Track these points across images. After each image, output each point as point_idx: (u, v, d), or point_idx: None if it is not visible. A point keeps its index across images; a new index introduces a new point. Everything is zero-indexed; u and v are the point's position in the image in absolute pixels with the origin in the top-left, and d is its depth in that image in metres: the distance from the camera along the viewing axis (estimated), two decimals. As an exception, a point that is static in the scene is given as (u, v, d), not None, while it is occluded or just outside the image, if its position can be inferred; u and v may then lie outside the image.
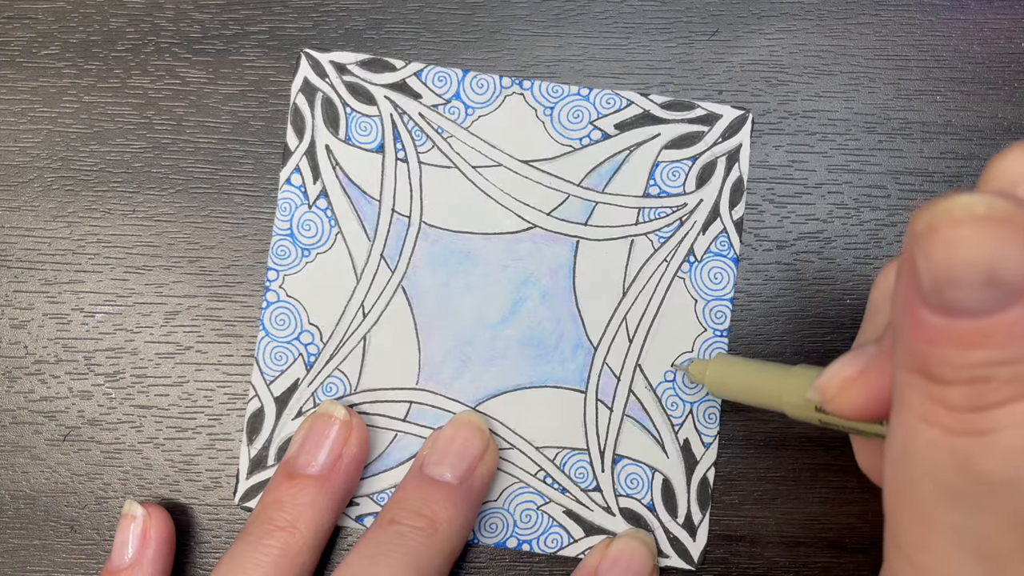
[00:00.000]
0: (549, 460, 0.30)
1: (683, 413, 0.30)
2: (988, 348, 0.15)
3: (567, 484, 0.30)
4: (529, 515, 0.30)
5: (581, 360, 0.31)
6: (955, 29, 0.32)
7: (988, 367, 0.15)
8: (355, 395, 0.31)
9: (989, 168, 0.19)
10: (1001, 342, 0.15)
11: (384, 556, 0.26)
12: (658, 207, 0.31)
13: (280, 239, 0.31)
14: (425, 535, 0.27)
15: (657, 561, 0.30)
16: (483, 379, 0.31)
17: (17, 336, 0.31)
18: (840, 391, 0.20)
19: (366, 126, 0.31)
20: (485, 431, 0.29)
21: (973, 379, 0.16)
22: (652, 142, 0.31)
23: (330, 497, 0.28)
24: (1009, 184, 0.18)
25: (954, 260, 0.15)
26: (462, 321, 0.31)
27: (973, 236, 0.15)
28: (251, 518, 0.28)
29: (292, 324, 0.31)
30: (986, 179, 0.19)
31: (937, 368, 0.16)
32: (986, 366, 0.15)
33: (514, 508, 0.30)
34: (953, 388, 0.16)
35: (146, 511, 0.29)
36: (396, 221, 0.31)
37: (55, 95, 0.32)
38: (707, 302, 0.31)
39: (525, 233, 0.31)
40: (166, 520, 0.29)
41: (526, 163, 0.31)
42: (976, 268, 0.15)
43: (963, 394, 0.16)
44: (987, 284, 0.15)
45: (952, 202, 0.15)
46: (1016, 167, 0.18)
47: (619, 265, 0.31)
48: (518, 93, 0.31)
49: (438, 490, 0.28)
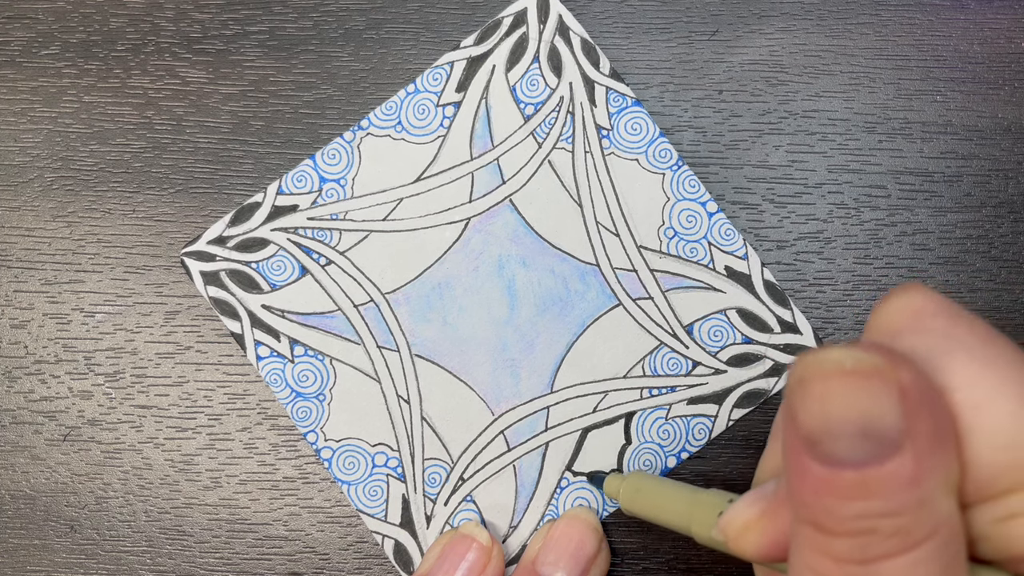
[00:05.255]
0: (641, 376, 0.31)
1: (705, 253, 0.31)
2: (869, 500, 0.15)
3: (671, 382, 0.31)
4: (666, 430, 0.30)
5: (594, 282, 0.31)
6: (955, 29, 0.31)
7: (871, 519, 0.15)
8: (459, 463, 0.30)
9: (874, 315, 0.19)
10: (882, 494, 0.15)
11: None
12: (544, 118, 0.31)
13: (291, 405, 0.31)
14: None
15: (602, 534, 0.29)
16: (538, 364, 0.31)
17: (17, 336, 0.31)
18: (741, 533, 0.19)
19: (278, 265, 0.31)
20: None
21: (858, 531, 0.15)
22: (494, 76, 0.31)
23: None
24: (891, 332, 0.18)
25: (829, 413, 0.15)
26: (481, 336, 0.31)
27: (843, 390, 0.15)
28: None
29: (360, 463, 0.31)
30: (870, 326, 0.19)
31: (824, 518, 0.16)
32: (869, 518, 0.15)
33: (652, 435, 0.30)
34: (839, 540, 0.16)
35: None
36: (365, 312, 0.31)
37: (55, 95, 0.32)
38: (644, 151, 0.31)
39: (467, 230, 0.31)
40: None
41: (418, 180, 0.31)
42: (850, 421, 0.15)
43: (848, 546, 0.16)
44: (863, 436, 0.15)
45: (822, 356, 0.16)
46: (898, 315, 0.18)
47: (557, 188, 0.31)
48: (366, 135, 0.31)
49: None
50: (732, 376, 0.30)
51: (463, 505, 0.30)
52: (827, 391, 0.16)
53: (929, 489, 0.15)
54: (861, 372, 0.15)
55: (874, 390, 0.15)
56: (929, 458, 0.15)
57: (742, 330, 0.31)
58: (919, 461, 0.15)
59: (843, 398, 0.15)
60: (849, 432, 0.15)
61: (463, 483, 0.30)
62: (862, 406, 0.15)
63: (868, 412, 0.15)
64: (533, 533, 0.30)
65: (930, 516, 0.15)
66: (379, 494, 0.30)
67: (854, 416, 0.15)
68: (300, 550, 0.31)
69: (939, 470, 0.16)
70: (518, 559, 0.30)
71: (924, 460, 0.15)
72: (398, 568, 0.30)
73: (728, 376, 0.30)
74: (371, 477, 0.30)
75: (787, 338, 0.30)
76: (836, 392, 0.16)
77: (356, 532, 0.31)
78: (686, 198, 0.31)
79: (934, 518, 0.15)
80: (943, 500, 0.16)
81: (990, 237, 0.31)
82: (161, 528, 0.31)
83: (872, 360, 0.16)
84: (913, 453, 0.15)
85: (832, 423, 0.15)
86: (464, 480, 0.30)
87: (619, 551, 0.30)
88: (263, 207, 0.31)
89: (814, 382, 0.16)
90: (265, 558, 0.31)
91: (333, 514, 0.31)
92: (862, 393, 0.15)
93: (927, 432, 0.15)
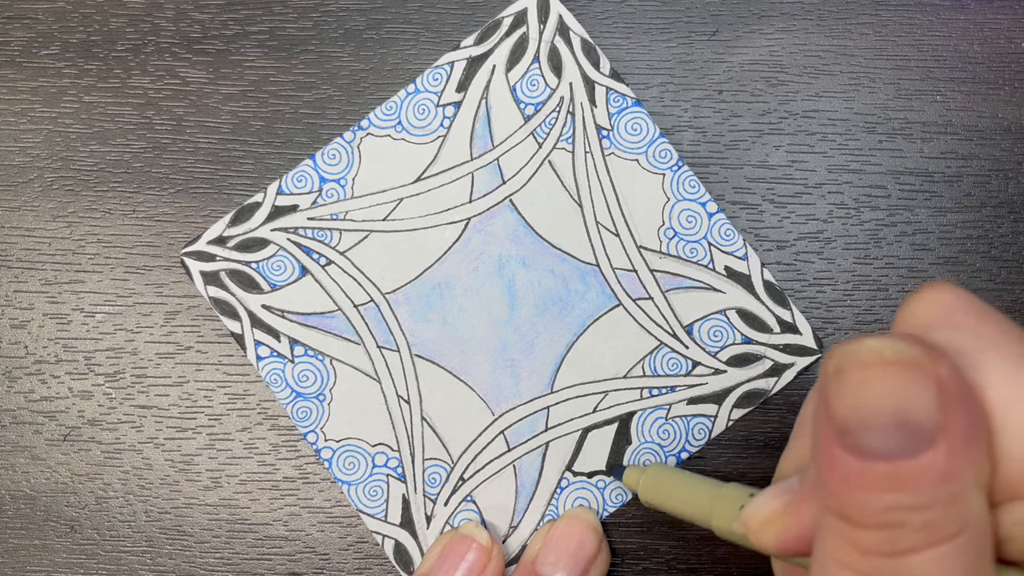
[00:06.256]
0: (641, 376, 0.31)
1: (705, 253, 0.31)
2: (900, 492, 0.15)
3: (671, 382, 0.31)
4: (666, 430, 0.30)
5: (594, 283, 0.31)
6: (955, 29, 0.31)
7: (901, 512, 0.15)
8: (459, 463, 0.31)
9: (903, 310, 0.19)
10: (913, 487, 0.15)
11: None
12: (544, 118, 0.31)
13: (291, 405, 0.31)
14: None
15: (602, 535, 0.29)
16: (538, 364, 0.31)
17: (17, 336, 0.31)
18: (763, 526, 0.19)
19: (278, 265, 0.31)
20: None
21: (887, 523, 0.15)
22: (494, 76, 0.31)
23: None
24: (922, 327, 0.18)
25: (864, 404, 0.15)
26: (481, 337, 0.31)
27: (882, 381, 0.15)
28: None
29: (360, 463, 0.31)
30: (900, 321, 0.19)
31: (852, 510, 0.16)
32: (899, 510, 0.15)
33: (652, 435, 0.30)
34: (868, 532, 0.16)
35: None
36: (365, 312, 0.31)
37: (55, 95, 0.32)
38: (644, 151, 0.31)
39: (467, 230, 0.31)
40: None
41: (418, 180, 0.31)
42: (886, 412, 0.15)
43: (877, 538, 0.15)
44: (897, 428, 0.15)
45: (861, 345, 0.16)
46: (929, 310, 0.18)
47: (557, 188, 0.31)
48: (366, 135, 0.31)
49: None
50: (732, 376, 0.30)
51: (463, 505, 0.30)
52: (865, 380, 0.15)
53: (960, 485, 0.15)
54: (901, 363, 0.15)
55: (913, 382, 0.15)
56: (962, 453, 0.15)
57: (742, 330, 0.31)
58: (952, 456, 0.15)
59: (881, 388, 0.15)
60: (883, 423, 0.15)
61: (463, 483, 0.30)
62: (899, 397, 0.15)
63: (904, 404, 0.15)
64: (533, 533, 0.30)
65: (960, 512, 0.15)
66: (379, 494, 0.30)
67: (890, 407, 0.15)
68: (300, 550, 0.31)
69: (971, 466, 0.15)
70: (518, 559, 0.30)
71: (957, 455, 0.15)
72: (398, 568, 0.30)
73: (728, 376, 0.30)
74: (371, 477, 0.30)
75: (787, 338, 0.30)
76: (874, 382, 0.15)
77: (356, 532, 0.31)
78: (686, 198, 0.31)
79: (964, 514, 0.15)
80: (974, 497, 0.16)
81: (990, 237, 0.31)
82: (161, 528, 0.31)
83: (912, 351, 0.15)
84: (947, 447, 0.15)
85: (867, 413, 0.15)
86: (464, 480, 0.30)
87: (619, 551, 0.30)
88: (263, 207, 0.31)
89: (852, 371, 0.16)
90: (265, 558, 0.31)
91: (333, 514, 0.31)
92: (900, 384, 0.15)
93: (961, 427, 0.15)
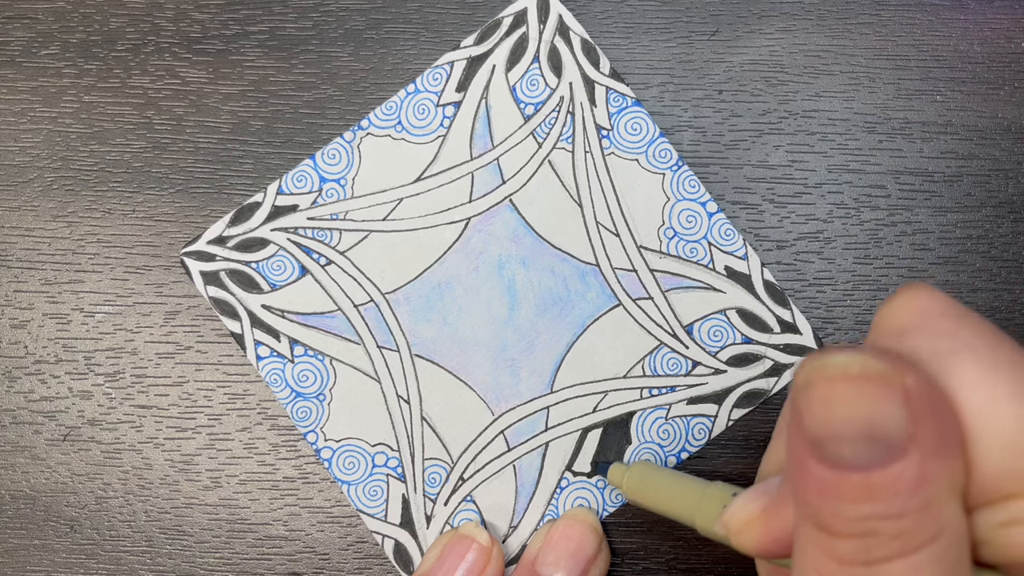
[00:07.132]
0: (641, 376, 0.31)
1: (705, 253, 0.31)
2: (873, 502, 0.15)
3: (671, 382, 0.31)
4: (666, 430, 0.30)
5: (594, 282, 0.31)
6: (955, 29, 0.31)
7: (875, 521, 0.15)
8: (459, 463, 0.31)
9: (879, 313, 0.19)
10: (886, 497, 0.15)
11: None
12: (544, 118, 0.31)
13: (291, 405, 0.31)
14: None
15: (602, 535, 0.29)
16: (538, 364, 0.31)
17: (17, 336, 0.31)
18: (743, 529, 0.19)
19: (278, 265, 0.31)
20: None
21: (862, 532, 0.15)
22: (494, 76, 0.31)
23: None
24: (897, 331, 0.18)
25: (834, 416, 0.16)
26: (481, 337, 0.31)
27: (848, 395, 0.16)
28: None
29: (360, 463, 0.30)
30: (876, 324, 0.19)
31: (827, 520, 0.16)
32: (873, 520, 0.15)
33: (652, 435, 0.30)
34: (843, 541, 0.16)
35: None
36: (365, 312, 0.31)
37: (55, 95, 0.32)
38: (644, 151, 0.31)
39: (467, 230, 0.31)
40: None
41: (418, 180, 0.31)
42: (856, 424, 0.15)
43: (853, 547, 0.16)
44: (868, 439, 0.15)
45: (827, 360, 0.16)
46: (904, 313, 0.18)
47: (557, 188, 0.31)
48: (366, 135, 0.31)
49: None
50: (732, 376, 0.30)
51: (463, 505, 0.30)
52: (832, 395, 0.16)
53: (933, 493, 0.15)
54: (866, 377, 0.16)
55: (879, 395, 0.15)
56: (934, 462, 0.15)
57: (742, 330, 0.31)
58: (923, 465, 0.15)
59: (848, 402, 0.16)
60: (854, 435, 0.15)
61: (463, 483, 0.30)
62: (867, 410, 0.15)
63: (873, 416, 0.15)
64: (533, 533, 0.30)
65: (933, 520, 0.15)
66: (379, 494, 0.30)
67: (859, 420, 0.15)
68: (300, 550, 0.31)
69: (944, 474, 0.16)
70: (518, 559, 0.30)
71: (929, 464, 0.15)
72: (398, 568, 0.30)
73: (728, 376, 0.30)
74: (371, 477, 0.30)
75: (787, 338, 0.30)
76: (841, 396, 0.16)
77: (356, 532, 0.31)
78: (686, 198, 0.31)
79: (937, 522, 0.15)
80: (947, 504, 0.16)
81: (990, 237, 0.31)
82: (161, 528, 0.31)
83: (878, 365, 0.16)
84: (918, 457, 0.15)
85: (837, 426, 0.16)
86: (464, 480, 0.30)
87: (619, 551, 0.30)
88: (263, 207, 0.31)
89: (819, 385, 0.16)
90: (265, 558, 0.31)
91: (333, 514, 0.31)
92: (867, 398, 0.15)
93: (932, 436, 0.15)
